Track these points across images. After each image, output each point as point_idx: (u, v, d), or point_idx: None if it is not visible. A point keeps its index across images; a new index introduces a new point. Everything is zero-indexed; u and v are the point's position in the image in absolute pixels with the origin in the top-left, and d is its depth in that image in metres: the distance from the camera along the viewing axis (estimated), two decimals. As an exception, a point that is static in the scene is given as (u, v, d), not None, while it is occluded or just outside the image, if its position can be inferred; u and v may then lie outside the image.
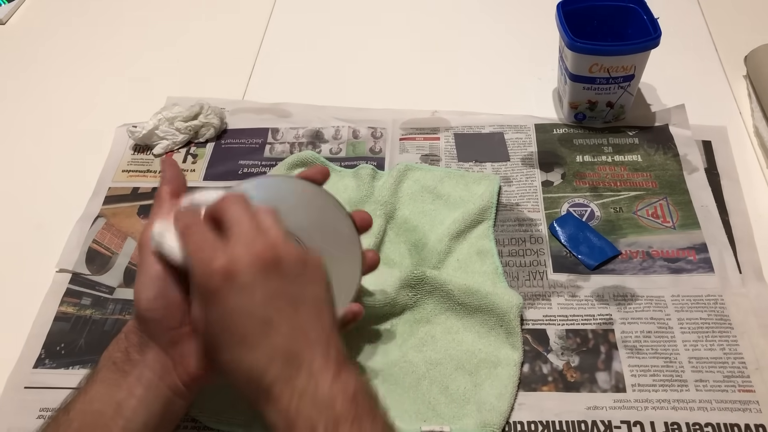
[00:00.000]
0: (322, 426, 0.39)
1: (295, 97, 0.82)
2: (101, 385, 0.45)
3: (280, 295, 0.42)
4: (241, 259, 0.41)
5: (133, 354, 0.46)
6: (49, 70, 0.90)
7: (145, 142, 0.76)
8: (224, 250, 0.42)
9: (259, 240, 0.43)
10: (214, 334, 0.43)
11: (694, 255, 0.63)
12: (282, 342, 0.41)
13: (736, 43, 0.82)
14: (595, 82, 0.70)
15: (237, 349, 0.42)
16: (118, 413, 0.44)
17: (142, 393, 0.46)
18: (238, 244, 0.42)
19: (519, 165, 0.72)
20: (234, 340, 0.42)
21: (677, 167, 0.70)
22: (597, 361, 0.57)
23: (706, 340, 0.57)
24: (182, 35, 0.93)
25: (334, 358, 0.42)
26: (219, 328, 0.42)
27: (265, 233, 0.43)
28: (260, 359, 0.41)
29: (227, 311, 0.42)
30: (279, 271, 0.42)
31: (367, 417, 0.40)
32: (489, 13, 0.94)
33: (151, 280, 0.46)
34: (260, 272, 0.42)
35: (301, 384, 0.40)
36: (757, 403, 0.53)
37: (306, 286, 0.44)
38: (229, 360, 0.42)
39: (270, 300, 0.42)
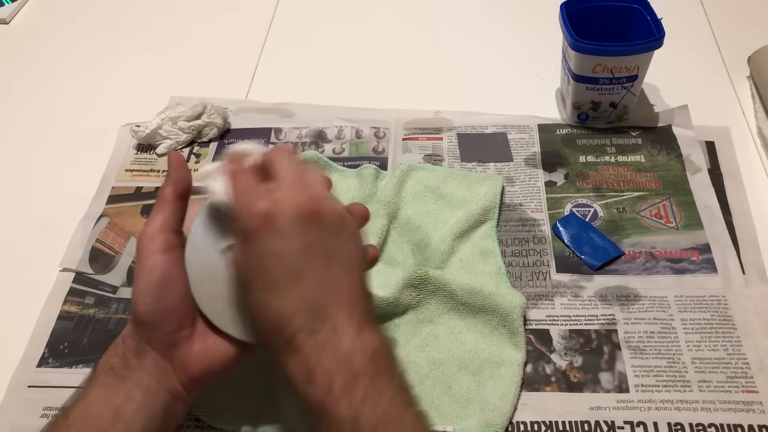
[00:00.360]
0: (339, 379, 0.39)
1: (298, 97, 0.82)
2: (99, 390, 0.45)
3: (316, 247, 0.42)
4: (283, 205, 0.42)
5: (131, 359, 0.46)
6: (52, 70, 0.90)
7: (148, 141, 0.76)
8: (267, 196, 0.42)
9: (302, 191, 0.43)
10: (248, 276, 0.43)
11: (698, 255, 0.63)
12: (310, 293, 0.42)
13: (740, 44, 0.82)
14: (599, 82, 0.70)
15: (266, 294, 0.42)
16: (117, 418, 0.44)
17: (141, 397, 0.45)
18: (281, 191, 0.43)
19: (522, 165, 0.72)
20: (264, 284, 0.42)
21: (680, 168, 0.70)
22: (600, 362, 0.57)
23: (710, 341, 0.57)
24: (185, 35, 0.94)
25: (357, 317, 0.42)
26: (252, 270, 0.43)
27: (309, 186, 0.44)
28: (287, 307, 0.42)
29: (262, 254, 0.42)
30: (317, 223, 0.43)
31: (384, 375, 0.41)
32: (492, 14, 0.94)
33: (150, 284, 0.46)
34: (299, 221, 0.42)
35: (324, 337, 0.41)
36: (760, 403, 0.53)
37: (342, 243, 0.44)
38: (257, 304, 0.43)
39: (305, 250, 0.42)
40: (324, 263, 0.43)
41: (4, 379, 0.59)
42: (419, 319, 0.60)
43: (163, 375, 0.47)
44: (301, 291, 0.42)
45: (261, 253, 0.42)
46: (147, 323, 0.47)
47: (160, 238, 0.47)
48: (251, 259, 0.43)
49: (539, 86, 0.82)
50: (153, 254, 0.47)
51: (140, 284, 0.46)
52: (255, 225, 0.42)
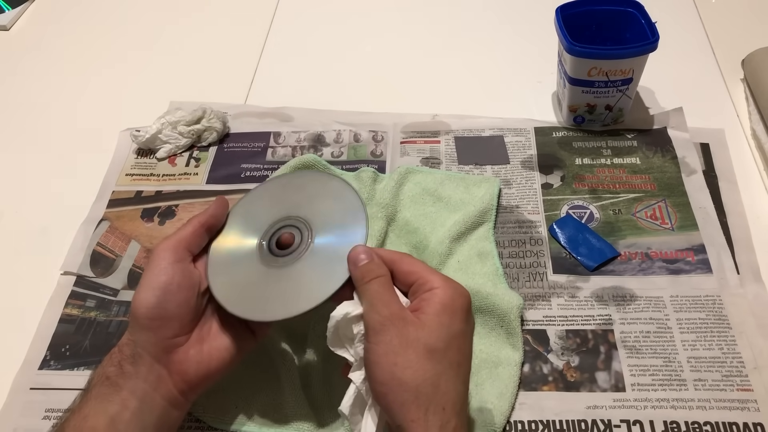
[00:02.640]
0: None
1: (297, 101, 0.82)
2: (95, 401, 0.46)
3: (467, 344, 0.46)
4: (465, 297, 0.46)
5: (127, 366, 0.47)
6: (52, 76, 0.90)
7: (148, 146, 0.77)
8: (460, 289, 0.46)
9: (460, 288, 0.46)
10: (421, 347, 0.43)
11: (693, 256, 0.64)
12: (447, 393, 0.43)
13: (734, 47, 0.83)
14: (594, 85, 0.70)
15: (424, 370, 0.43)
16: (112, 427, 0.45)
17: (136, 405, 0.46)
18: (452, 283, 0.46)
19: (519, 168, 0.73)
20: (442, 363, 0.43)
21: (675, 170, 0.71)
22: (597, 361, 0.57)
23: (705, 340, 0.58)
24: (185, 40, 0.94)
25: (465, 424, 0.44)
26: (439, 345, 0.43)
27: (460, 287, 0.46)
28: (426, 398, 0.42)
29: (454, 336, 0.44)
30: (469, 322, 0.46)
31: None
32: (489, 18, 0.94)
33: (154, 288, 0.47)
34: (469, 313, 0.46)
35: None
36: (755, 401, 0.54)
37: (470, 345, 0.46)
38: (401, 379, 0.42)
39: (465, 345, 0.45)
40: (465, 364, 0.45)
41: (6, 382, 0.59)
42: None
43: (159, 381, 0.47)
44: (458, 379, 0.44)
45: (455, 334, 0.44)
46: (146, 327, 0.47)
47: (173, 252, 0.49)
48: (437, 336, 0.44)
49: (536, 89, 0.82)
50: (162, 262, 0.48)
51: (144, 288, 0.48)
52: (465, 303, 0.45)
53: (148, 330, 0.48)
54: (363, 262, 0.47)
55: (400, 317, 0.44)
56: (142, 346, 0.47)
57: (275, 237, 0.53)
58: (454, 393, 0.43)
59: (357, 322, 0.46)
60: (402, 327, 0.43)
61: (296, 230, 0.53)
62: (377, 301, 0.45)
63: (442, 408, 0.42)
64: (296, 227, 0.53)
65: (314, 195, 0.55)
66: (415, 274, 0.46)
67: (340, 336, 0.47)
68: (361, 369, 0.46)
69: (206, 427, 0.55)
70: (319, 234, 0.52)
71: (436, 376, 0.42)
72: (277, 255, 0.52)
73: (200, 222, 0.52)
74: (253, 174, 0.74)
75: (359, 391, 0.46)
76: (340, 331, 0.47)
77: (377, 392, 0.43)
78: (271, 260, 0.52)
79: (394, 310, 0.44)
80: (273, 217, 0.54)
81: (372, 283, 0.46)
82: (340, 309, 0.46)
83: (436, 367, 0.42)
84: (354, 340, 0.46)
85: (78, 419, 0.45)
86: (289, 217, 0.54)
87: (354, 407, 0.46)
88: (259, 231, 0.54)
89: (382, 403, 0.43)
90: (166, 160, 0.77)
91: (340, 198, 0.54)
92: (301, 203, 0.55)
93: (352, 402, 0.46)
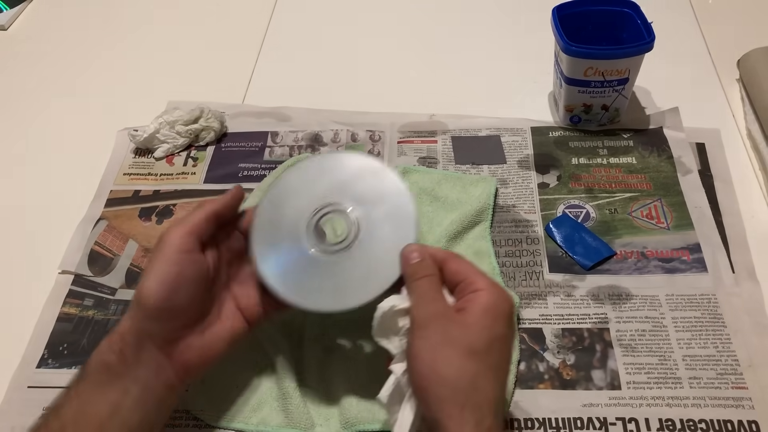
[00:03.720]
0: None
1: (295, 101, 0.82)
2: (94, 389, 0.46)
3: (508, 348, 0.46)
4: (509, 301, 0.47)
5: (129, 355, 0.47)
6: (50, 76, 0.90)
7: (146, 145, 0.77)
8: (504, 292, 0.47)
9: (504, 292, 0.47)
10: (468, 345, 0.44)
11: (688, 255, 0.64)
12: (485, 393, 0.43)
13: (729, 47, 0.83)
14: (590, 85, 0.71)
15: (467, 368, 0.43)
16: (115, 413, 0.45)
17: (138, 393, 0.47)
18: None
19: (515, 167, 0.73)
20: (485, 363, 0.44)
21: (671, 169, 0.71)
22: (592, 360, 0.57)
23: (700, 339, 0.58)
24: (182, 40, 0.94)
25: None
26: (482, 343, 0.44)
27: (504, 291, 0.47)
28: (462, 398, 0.43)
29: (495, 338, 0.45)
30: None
31: None
32: (486, 18, 0.95)
33: (167, 281, 0.47)
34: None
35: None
36: (749, 399, 0.54)
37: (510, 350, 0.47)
38: (445, 376, 0.43)
39: (505, 349, 0.46)
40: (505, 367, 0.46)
41: (4, 380, 0.59)
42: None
43: (161, 369, 0.48)
44: (496, 381, 0.44)
45: (496, 337, 0.44)
46: (154, 317, 0.48)
47: (185, 240, 0.49)
48: (491, 338, 0.44)
49: (532, 89, 0.83)
50: (173, 251, 0.48)
51: (154, 277, 0.48)
52: (508, 309, 0.46)
53: (156, 321, 0.48)
54: (415, 260, 0.49)
55: (444, 315, 0.45)
56: (146, 336, 0.48)
57: (322, 222, 0.54)
58: (492, 394, 0.43)
59: (403, 316, 0.47)
60: (446, 325, 0.45)
61: (343, 217, 0.53)
62: (425, 298, 0.47)
63: (479, 407, 0.42)
64: (343, 213, 0.53)
65: (358, 179, 0.55)
66: (462, 274, 0.48)
67: (384, 327, 0.48)
68: (403, 362, 0.47)
69: (204, 425, 0.56)
70: (367, 224, 0.53)
71: (475, 375, 0.43)
72: (325, 243, 0.53)
73: (213, 210, 0.51)
74: (250, 173, 0.74)
75: (399, 382, 0.47)
76: (385, 322, 0.48)
77: (416, 385, 0.44)
78: (320, 247, 0.53)
79: (440, 308, 0.46)
80: (318, 200, 0.54)
81: (422, 280, 0.48)
82: (387, 302, 0.48)
83: (475, 366, 0.43)
84: (398, 333, 0.48)
85: (77, 405, 0.46)
86: (336, 202, 0.54)
87: (392, 397, 0.47)
88: (304, 214, 0.54)
89: (421, 396, 0.44)
90: (163, 159, 0.77)
91: (385, 184, 0.54)
92: (346, 187, 0.54)
93: (391, 392, 0.47)
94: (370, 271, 0.51)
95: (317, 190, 0.55)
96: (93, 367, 0.47)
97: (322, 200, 0.54)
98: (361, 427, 0.53)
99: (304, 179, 0.55)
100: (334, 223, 0.54)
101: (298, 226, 0.53)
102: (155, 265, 0.48)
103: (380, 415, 0.53)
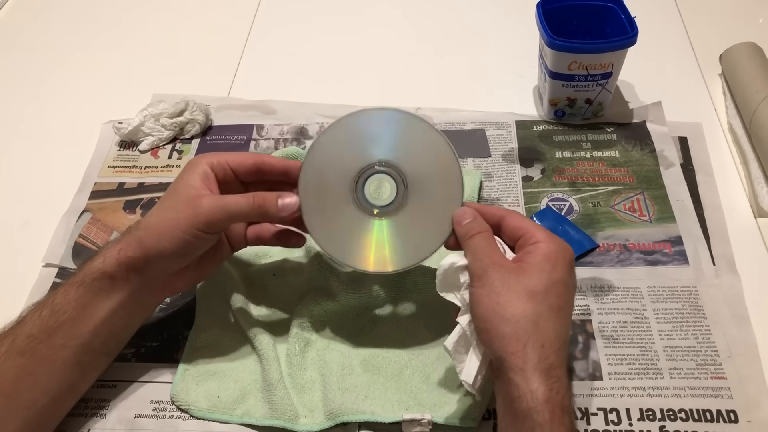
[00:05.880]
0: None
1: (280, 94, 0.82)
2: (92, 294, 0.50)
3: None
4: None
5: (132, 275, 0.51)
6: (34, 67, 0.90)
7: (131, 138, 0.77)
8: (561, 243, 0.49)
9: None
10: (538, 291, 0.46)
11: (670, 248, 0.65)
12: (546, 332, 0.45)
13: (712, 42, 0.84)
14: (574, 79, 0.71)
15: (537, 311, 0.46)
16: (108, 321, 0.51)
17: (131, 306, 0.53)
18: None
19: (500, 161, 0.73)
20: (548, 306, 0.46)
21: (654, 163, 0.72)
22: (575, 351, 0.58)
23: (681, 330, 0.59)
24: (168, 32, 0.94)
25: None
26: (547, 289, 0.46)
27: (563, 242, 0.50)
28: (530, 338, 0.45)
29: (556, 282, 0.47)
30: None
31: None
32: (471, 12, 0.95)
33: (181, 241, 0.50)
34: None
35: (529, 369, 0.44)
36: (728, 389, 0.55)
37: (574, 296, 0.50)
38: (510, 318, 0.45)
39: (566, 293, 0.48)
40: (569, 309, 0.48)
41: (-13, 373, 0.59)
42: (399, 310, 0.61)
43: (154, 289, 0.54)
44: (557, 321, 0.46)
45: (556, 281, 0.47)
46: (163, 258, 0.51)
47: (210, 181, 0.53)
48: (556, 281, 0.47)
49: (517, 84, 0.83)
50: (207, 193, 0.52)
51: (169, 241, 0.50)
52: (568, 257, 0.49)
53: (166, 263, 0.52)
54: (467, 221, 0.51)
55: (500, 264, 0.48)
56: (150, 265, 0.51)
57: (368, 182, 0.54)
58: (553, 333, 0.45)
59: (463, 272, 0.50)
60: (503, 273, 0.47)
61: (390, 178, 0.54)
62: (479, 252, 0.49)
63: (540, 345, 0.44)
64: (390, 175, 0.54)
65: (403, 139, 0.54)
66: (522, 230, 0.50)
67: (447, 283, 0.51)
68: (467, 313, 0.49)
69: (188, 417, 0.56)
70: (414, 185, 0.54)
71: (536, 315, 0.45)
72: (373, 204, 0.54)
73: (256, 163, 0.55)
74: (235, 166, 0.74)
75: (464, 331, 0.49)
76: (447, 278, 0.50)
77: (480, 328, 0.47)
78: (367, 207, 0.54)
79: (495, 259, 0.48)
80: (363, 159, 0.54)
81: (474, 237, 0.50)
82: (447, 259, 0.50)
83: (536, 307, 0.45)
84: (461, 288, 0.50)
85: (75, 306, 0.50)
86: (381, 161, 0.54)
87: (458, 345, 0.49)
88: (350, 172, 0.54)
89: (484, 338, 0.47)
90: (148, 152, 0.77)
91: (430, 145, 0.54)
92: (390, 146, 0.54)
93: (456, 340, 0.49)
94: (423, 232, 0.53)
95: (364, 149, 0.55)
96: (94, 275, 0.50)
97: (367, 158, 0.54)
98: (345, 418, 0.53)
99: (350, 137, 0.55)
100: (382, 183, 0.55)
101: (343, 185, 0.54)
102: (171, 216, 0.51)
103: (363, 406, 0.54)
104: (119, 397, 0.57)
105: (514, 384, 0.43)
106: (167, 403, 0.56)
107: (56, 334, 0.49)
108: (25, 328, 0.49)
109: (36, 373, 0.49)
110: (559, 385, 0.44)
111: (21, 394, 0.49)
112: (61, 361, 0.50)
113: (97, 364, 0.53)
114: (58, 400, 0.51)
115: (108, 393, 0.57)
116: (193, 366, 0.58)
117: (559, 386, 0.44)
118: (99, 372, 0.54)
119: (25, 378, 0.49)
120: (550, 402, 0.43)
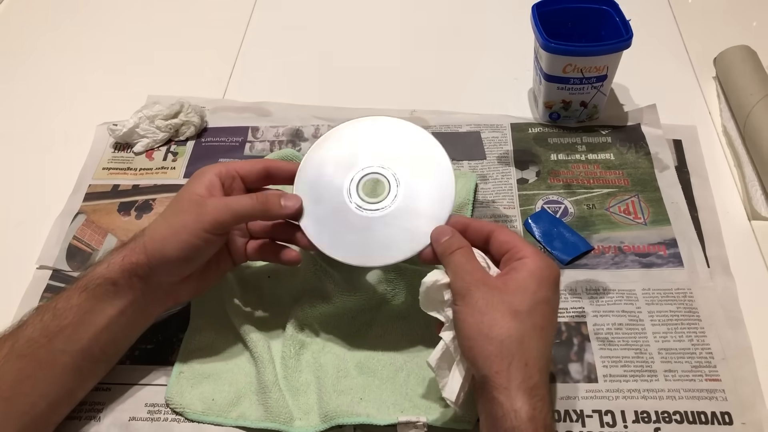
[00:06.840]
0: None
1: (276, 97, 0.82)
2: (95, 301, 0.51)
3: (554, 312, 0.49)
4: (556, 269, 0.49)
5: (136, 283, 0.51)
6: (29, 68, 0.90)
7: (125, 140, 0.76)
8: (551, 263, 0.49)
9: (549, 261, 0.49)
10: (514, 305, 0.46)
11: (665, 250, 0.65)
12: (530, 351, 0.45)
13: (706, 46, 0.84)
14: (569, 82, 0.71)
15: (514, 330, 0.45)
16: (108, 328, 0.51)
17: (133, 314, 0.53)
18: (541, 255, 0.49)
19: (495, 163, 0.73)
20: (531, 324, 0.46)
21: (649, 165, 0.72)
22: (570, 353, 0.58)
23: (676, 332, 0.59)
24: (163, 34, 0.94)
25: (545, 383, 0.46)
26: (529, 306, 0.46)
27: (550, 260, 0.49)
28: (512, 355, 0.45)
29: (540, 302, 0.46)
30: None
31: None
32: (466, 15, 0.95)
33: (188, 249, 0.51)
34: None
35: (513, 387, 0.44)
36: (723, 391, 0.55)
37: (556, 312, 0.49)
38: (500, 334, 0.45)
39: (550, 313, 0.48)
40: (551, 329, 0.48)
41: (-20, 376, 0.59)
42: (394, 313, 0.61)
43: (157, 298, 0.54)
44: (541, 341, 0.46)
45: (540, 300, 0.46)
46: (168, 266, 0.51)
47: (215, 187, 0.53)
48: (538, 300, 0.47)
49: (512, 86, 0.83)
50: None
51: (174, 246, 0.51)
52: (553, 275, 0.48)
53: (170, 269, 0.52)
54: (445, 238, 0.51)
55: (483, 282, 0.47)
56: (154, 272, 0.51)
57: (363, 182, 0.56)
58: (537, 352, 0.45)
59: (446, 289, 0.49)
60: (486, 291, 0.47)
61: (384, 180, 0.56)
62: (460, 269, 0.49)
63: (524, 364, 0.44)
64: (384, 177, 0.56)
65: (400, 145, 0.57)
66: (509, 244, 0.50)
67: (431, 300, 0.51)
68: (452, 330, 0.49)
69: (183, 420, 0.55)
70: (405, 189, 0.55)
71: (520, 334, 0.45)
72: (366, 202, 0.56)
73: (266, 169, 0.56)
74: (231, 168, 0.74)
75: (447, 348, 0.49)
76: (430, 295, 0.50)
77: (464, 346, 0.47)
78: (359, 205, 0.55)
79: (478, 277, 0.48)
80: (361, 161, 0.57)
81: (454, 254, 0.50)
82: (430, 276, 0.50)
83: (519, 326, 0.45)
84: (445, 305, 0.50)
85: (77, 311, 0.50)
86: (377, 164, 0.57)
87: (441, 362, 0.49)
88: (347, 172, 0.56)
89: (469, 356, 0.46)
90: (143, 154, 0.76)
91: (426, 154, 0.57)
92: (388, 151, 0.57)
93: (440, 356, 0.49)
94: (398, 238, 0.54)
95: (366, 150, 0.57)
96: (98, 281, 0.51)
97: (364, 160, 0.57)
98: (340, 420, 0.53)
99: (354, 139, 0.58)
100: (376, 185, 0.56)
101: (341, 182, 0.56)
102: (176, 221, 0.51)
103: (359, 408, 0.54)
104: (114, 400, 0.57)
105: (498, 403, 0.43)
106: (162, 406, 0.56)
107: (57, 339, 0.49)
108: (27, 332, 0.49)
109: (35, 377, 0.49)
110: (543, 404, 0.44)
111: (19, 398, 0.48)
112: (60, 366, 0.50)
113: (95, 371, 0.54)
114: (55, 405, 0.51)
115: (102, 396, 0.57)
116: (187, 368, 0.58)
117: (542, 405, 0.44)
118: (97, 379, 0.55)
119: (24, 382, 0.49)
120: (533, 421, 0.43)
